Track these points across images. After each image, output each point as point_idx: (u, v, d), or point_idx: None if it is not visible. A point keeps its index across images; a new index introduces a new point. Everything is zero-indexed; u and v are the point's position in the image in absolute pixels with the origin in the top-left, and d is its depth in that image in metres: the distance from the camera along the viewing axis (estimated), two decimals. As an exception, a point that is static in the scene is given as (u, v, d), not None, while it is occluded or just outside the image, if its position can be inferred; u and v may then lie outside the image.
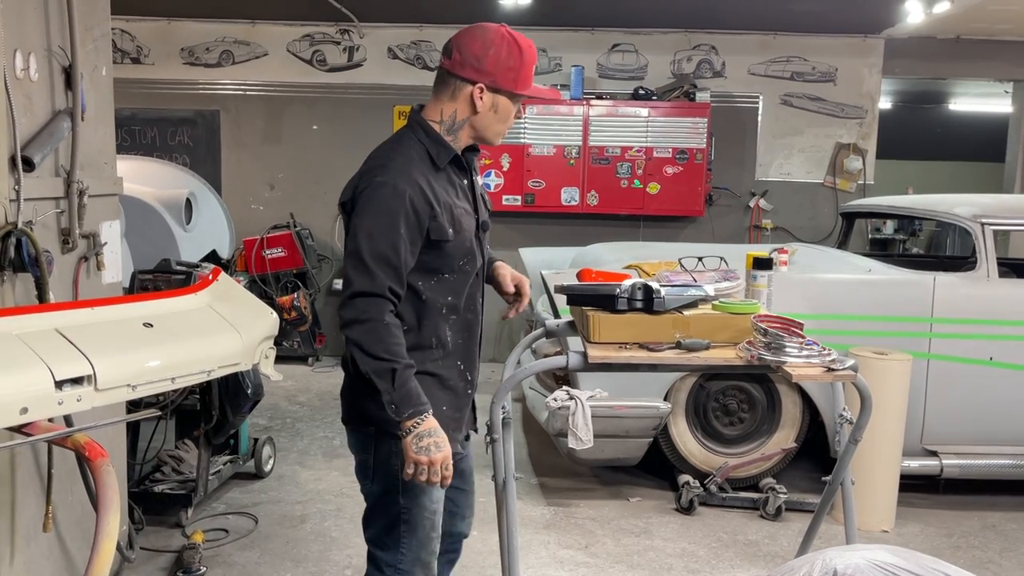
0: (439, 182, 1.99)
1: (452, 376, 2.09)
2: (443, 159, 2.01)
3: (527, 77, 2.04)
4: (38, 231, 2.59)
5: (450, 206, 1.99)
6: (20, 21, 2.53)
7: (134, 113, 7.12)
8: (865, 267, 4.44)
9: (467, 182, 2.09)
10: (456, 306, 2.06)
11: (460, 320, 2.08)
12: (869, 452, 3.82)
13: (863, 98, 7.18)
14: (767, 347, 2.28)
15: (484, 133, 2.07)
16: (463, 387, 2.13)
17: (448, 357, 2.07)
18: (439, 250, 1.97)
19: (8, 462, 2.49)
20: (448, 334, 2.06)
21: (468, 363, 2.13)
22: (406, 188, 1.91)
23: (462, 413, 2.16)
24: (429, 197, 1.94)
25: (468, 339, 2.12)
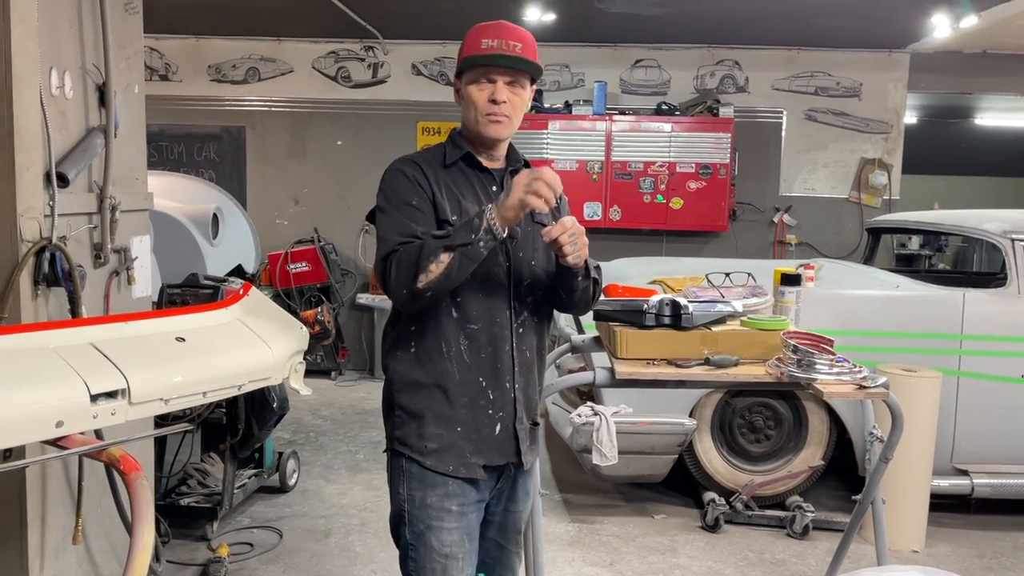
0: (447, 175, 1.97)
1: (469, 392, 1.92)
2: (451, 156, 1.98)
3: (471, 47, 1.95)
4: (71, 246, 2.62)
5: (457, 197, 1.95)
6: (55, 40, 2.58)
7: (162, 129, 7.22)
8: (893, 283, 4.40)
9: (496, 188, 2.00)
10: (468, 312, 1.91)
11: (482, 332, 1.92)
12: (898, 471, 3.77)
13: (888, 113, 7.13)
14: (797, 364, 2.27)
15: (468, 125, 1.99)
16: (483, 406, 1.93)
17: (463, 370, 1.91)
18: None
19: (39, 476, 2.51)
20: (463, 344, 1.91)
21: (493, 381, 1.94)
22: (403, 166, 1.95)
23: (484, 438, 1.94)
24: (428, 176, 1.93)
25: (492, 355, 1.93)
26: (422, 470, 1.92)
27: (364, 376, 7.05)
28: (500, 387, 1.95)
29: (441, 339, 1.91)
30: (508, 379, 1.96)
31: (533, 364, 2.03)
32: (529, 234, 1.99)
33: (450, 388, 1.92)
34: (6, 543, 2.47)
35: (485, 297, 1.93)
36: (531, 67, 1.94)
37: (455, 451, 1.92)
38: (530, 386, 2.02)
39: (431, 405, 1.92)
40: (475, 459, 1.94)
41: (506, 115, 1.94)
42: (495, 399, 1.94)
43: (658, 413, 3.97)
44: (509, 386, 1.96)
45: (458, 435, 1.92)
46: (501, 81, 1.92)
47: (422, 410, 1.93)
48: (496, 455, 1.97)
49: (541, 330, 2.06)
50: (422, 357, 1.93)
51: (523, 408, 1.99)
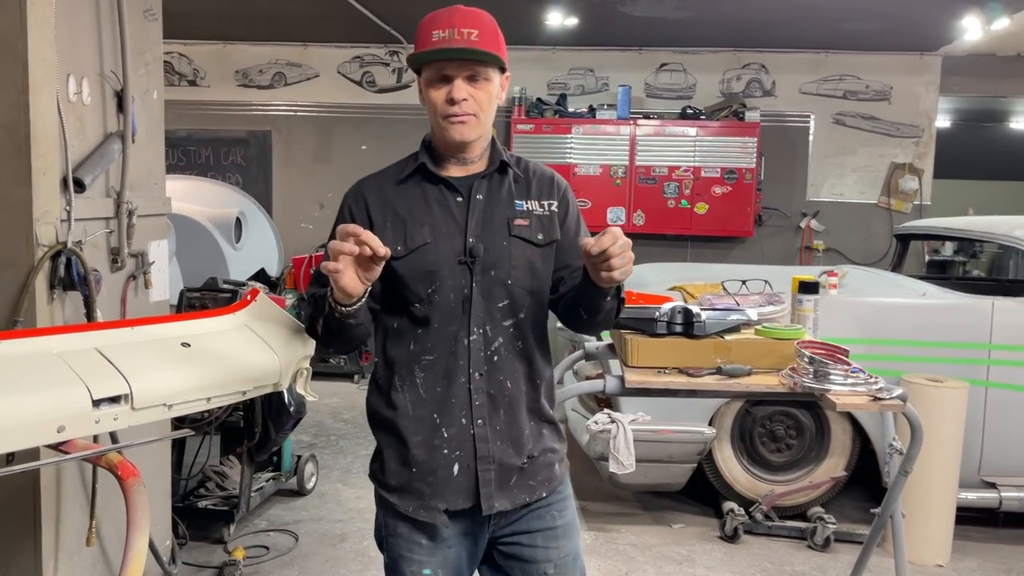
0: (399, 194, 1.76)
1: (422, 430, 1.74)
2: (405, 171, 1.79)
3: (422, 42, 1.71)
4: (88, 250, 2.66)
5: (404, 220, 1.73)
6: (74, 46, 2.61)
7: (190, 134, 7.31)
8: (919, 291, 4.31)
9: (461, 199, 1.75)
10: (425, 342, 1.73)
11: (439, 363, 1.73)
12: (923, 483, 3.69)
13: (919, 117, 7.02)
14: (811, 374, 2.22)
15: (433, 130, 1.78)
16: (438, 446, 1.73)
17: (417, 406, 1.74)
18: (385, 269, 1.65)
19: (54, 477, 2.54)
20: (419, 376, 1.74)
21: (447, 418, 1.73)
22: (348, 196, 1.82)
23: (442, 481, 1.73)
24: (370, 204, 1.76)
25: (447, 388, 1.73)
26: (391, 505, 1.80)
27: (387, 380, 7.05)
28: (455, 424, 1.73)
29: (395, 372, 1.77)
30: (464, 414, 1.73)
31: (518, 396, 1.78)
32: (504, 249, 1.74)
33: (403, 425, 1.75)
34: (20, 544, 2.50)
35: (442, 324, 1.73)
36: (488, 58, 1.68)
37: (414, 493, 1.75)
38: (515, 422, 1.77)
39: (390, 441, 1.79)
40: (434, 502, 1.74)
41: (470, 113, 1.70)
42: (450, 437, 1.73)
43: (677, 421, 3.92)
44: (466, 422, 1.73)
45: (414, 475, 1.75)
46: (459, 77, 1.68)
47: (382, 446, 1.81)
48: (457, 498, 1.74)
49: (530, 355, 1.80)
50: (383, 389, 1.80)
51: (494, 447, 1.74)
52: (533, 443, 1.80)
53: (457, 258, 1.72)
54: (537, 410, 1.82)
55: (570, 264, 1.82)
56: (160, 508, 3.26)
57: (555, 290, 1.84)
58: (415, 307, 1.74)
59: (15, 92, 2.37)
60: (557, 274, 1.82)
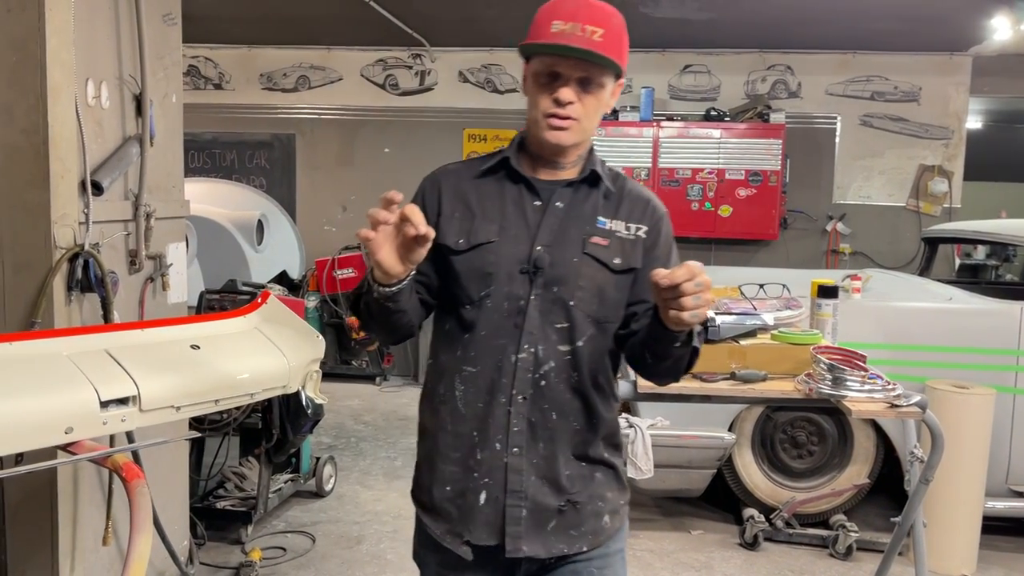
0: (477, 187, 1.64)
1: (460, 447, 1.59)
2: (488, 163, 1.65)
3: (537, 32, 1.55)
4: (106, 252, 2.68)
5: (474, 214, 1.60)
6: (92, 51, 2.64)
7: (215, 137, 7.39)
8: (946, 295, 4.23)
9: (539, 203, 1.61)
10: (470, 351, 1.59)
11: (481, 377, 1.57)
12: (948, 491, 3.62)
13: (949, 118, 6.89)
14: (827, 380, 2.18)
15: (529, 126, 1.62)
16: (471, 467, 1.58)
17: (457, 420, 1.60)
18: (445, 261, 1.59)
19: (71, 478, 2.57)
20: (459, 388, 1.59)
21: (482, 439, 1.57)
22: (427, 179, 1.68)
23: (469, 508, 1.58)
24: (444, 193, 1.63)
25: (488, 406, 1.57)
26: (423, 524, 1.67)
27: (408, 382, 7.08)
28: (488, 447, 1.57)
29: (441, 379, 1.63)
30: (500, 439, 1.56)
31: (563, 432, 1.58)
32: (573, 266, 1.57)
33: (442, 439, 1.62)
34: (38, 543, 2.53)
35: (490, 334, 1.58)
36: (607, 64, 1.52)
37: (443, 514, 1.62)
38: (554, 458, 1.58)
39: (429, 455, 1.65)
40: (459, 529, 1.60)
41: (573, 118, 1.54)
42: (482, 460, 1.57)
43: (696, 426, 3.87)
44: (500, 448, 1.56)
45: (446, 495, 1.61)
46: (571, 78, 1.53)
47: (422, 458, 1.69)
48: (481, 531, 1.58)
49: (585, 391, 1.59)
50: (430, 396, 1.67)
51: (528, 481, 1.56)
52: (579, 486, 1.60)
53: (520, 265, 1.57)
54: (588, 452, 1.61)
55: (646, 300, 1.58)
56: (178, 508, 3.28)
57: (626, 325, 1.62)
58: (464, 309, 1.59)
59: (34, 96, 2.41)
60: (631, 308, 1.62)
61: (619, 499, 1.67)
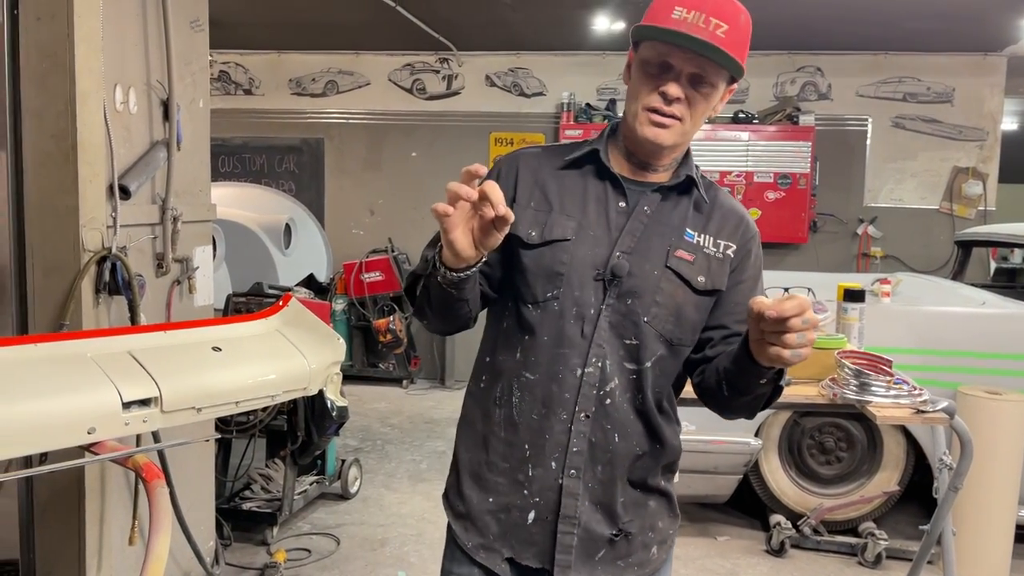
0: (560, 179, 1.50)
1: (511, 458, 1.48)
2: (573, 154, 1.52)
3: (655, 15, 1.40)
4: (134, 256, 2.72)
5: (549, 206, 1.48)
6: (121, 57, 2.68)
7: (245, 141, 7.47)
8: (979, 300, 4.15)
9: (624, 204, 1.48)
10: (529, 355, 1.46)
11: (539, 386, 1.45)
12: (981, 499, 3.55)
13: (984, 119, 6.77)
14: (852, 385, 2.15)
15: (626, 118, 1.47)
16: (521, 482, 1.47)
17: (510, 429, 1.48)
18: (511, 253, 1.46)
19: (98, 477, 2.60)
20: (516, 394, 1.47)
21: (536, 454, 1.45)
22: (500, 162, 1.55)
23: (513, 523, 1.49)
24: (524, 177, 1.50)
25: (544, 419, 1.45)
26: (452, 534, 1.56)
27: (435, 385, 7.10)
28: (543, 465, 1.45)
29: (498, 380, 1.50)
30: (556, 457, 1.45)
31: (625, 457, 1.46)
32: (654, 279, 1.44)
33: (494, 445, 1.50)
34: (66, 541, 2.57)
35: (552, 340, 1.45)
36: (727, 62, 1.37)
37: (480, 525, 1.51)
38: (611, 483, 1.47)
39: (473, 457, 1.53)
40: (498, 545, 1.49)
41: (677, 117, 1.41)
42: (534, 477, 1.46)
43: (722, 432, 3.83)
44: (555, 467, 1.45)
45: (488, 505, 1.50)
46: (683, 72, 1.39)
47: (461, 461, 1.56)
48: (526, 551, 1.48)
49: (649, 414, 1.47)
50: (483, 396, 1.53)
51: (582, 507, 1.45)
52: (632, 515, 1.50)
53: (595, 271, 1.44)
54: (647, 479, 1.51)
55: (726, 326, 1.49)
56: (204, 509, 3.31)
57: (699, 350, 1.51)
58: (527, 307, 1.46)
59: (63, 102, 2.45)
60: (707, 332, 1.50)
61: (670, 528, 1.57)
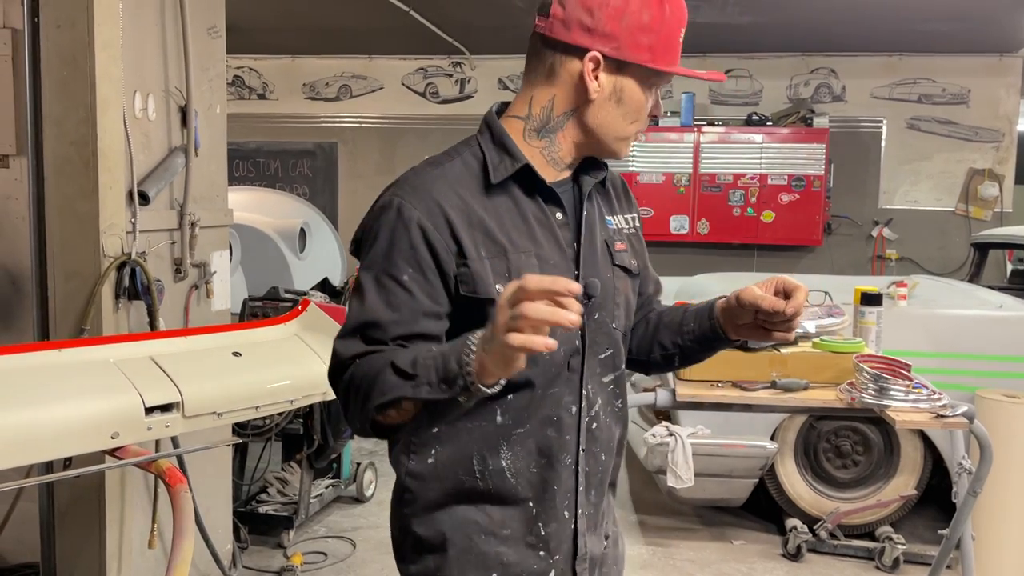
0: (490, 209, 1.24)
1: (511, 524, 1.28)
2: (499, 173, 1.25)
3: (669, 45, 1.24)
4: (152, 261, 2.74)
5: (504, 248, 1.23)
6: (140, 64, 2.71)
7: (260, 146, 7.51)
8: (996, 302, 4.13)
9: (562, 215, 1.29)
10: (519, 414, 1.26)
11: (531, 438, 1.27)
12: (999, 503, 3.52)
13: (1000, 120, 6.73)
14: (870, 389, 2.14)
15: (600, 134, 1.27)
16: (534, 546, 1.29)
17: (505, 494, 1.27)
18: (481, 319, 1.14)
19: (119, 481, 2.62)
20: (506, 457, 1.26)
21: (545, 510, 1.29)
22: (414, 211, 1.21)
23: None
24: (455, 228, 1.21)
25: (547, 469, 1.28)
26: None
27: (448, 388, 7.10)
28: (556, 519, 1.30)
29: (474, 451, 1.26)
30: (567, 505, 1.30)
31: (608, 470, 1.37)
32: (609, 283, 1.33)
33: (489, 513, 1.28)
34: (86, 544, 2.59)
35: (544, 387, 1.27)
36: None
37: None
38: (603, 500, 1.38)
39: (457, 539, 1.28)
40: None
41: None
42: (549, 535, 1.30)
43: (738, 435, 3.82)
44: (568, 515, 1.31)
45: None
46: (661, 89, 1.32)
47: (443, 543, 1.28)
48: None
49: (624, 415, 1.40)
50: (445, 472, 1.27)
51: (589, 537, 1.34)
52: (609, 520, 1.42)
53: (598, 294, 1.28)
54: (616, 479, 1.43)
55: (643, 292, 1.46)
56: (222, 512, 3.33)
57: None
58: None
59: (83, 109, 2.48)
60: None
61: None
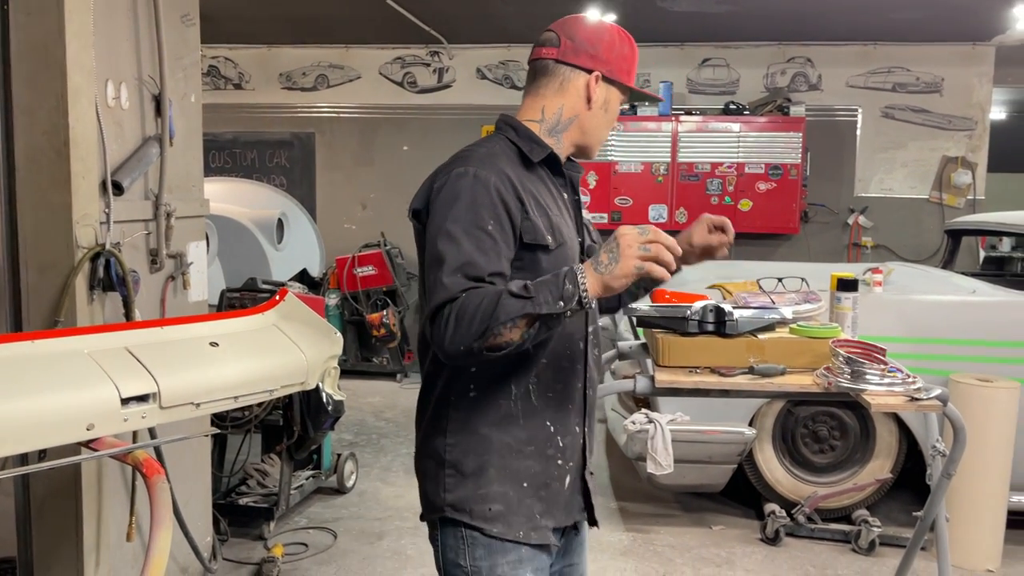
0: (531, 181, 1.62)
1: (535, 441, 1.60)
2: (536, 154, 1.64)
3: (635, 71, 1.74)
4: (127, 252, 2.72)
5: (546, 209, 1.61)
6: (112, 52, 2.67)
7: (236, 136, 7.44)
8: (969, 288, 4.18)
9: (567, 196, 1.72)
10: (547, 349, 1.60)
11: (551, 366, 1.61)
12: (972, 486, 3.58)
13: (972, 109, 6.80)
14: (846, 374, 2.16)
15: (591, 136, 1.71)
16: (553, 456, 1.61)
17: (530, 416, 1.59)
18: (534, 262, 1.56)
19: (95, 474, 2.60)
20: (533, 384, 1.59)
21: (561, 425, 1.62)
22: (490, 176, 1.53)
23: (553, 495, 1.63)
24: (518, 189, 1.56)
25: (563, 393, 1.63)
26: (487, 537, 1.58)
27: (429, 379, 7.09)
28: (569, 432, 1.64)
29: (510, 376, 1.57)
30: (578, 421, 1.66)
31: (595, 400, 1.74)
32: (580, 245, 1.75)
33: (516, 435, 1.58)
34: (63, 539, 2.57)
35: (567, 328, 1.61)
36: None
37: (523, 512, 1.59)
38: (594, 426, 1.73)
39: (493, 459, 1.58)
40: (545, 521, 1.61)
41: None
42: (565, 447, 1.63)
43: (716, 421, 3.86)
44: (579, 430, 1.66)
45: (524, 492, 1.59)
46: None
47: (482, 465, 1.58)
48: (564, 515, 1.66)
49: (600, 340, 1.77)
50: (484, 402, 1.58)
51: (590, 455, 1.71)
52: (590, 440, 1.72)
53: (579, 256, 1.69)
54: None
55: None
56: (201, 505, 3.32)
57: None
58: None
59: (55, 98, 2.44)
60: None
61: None
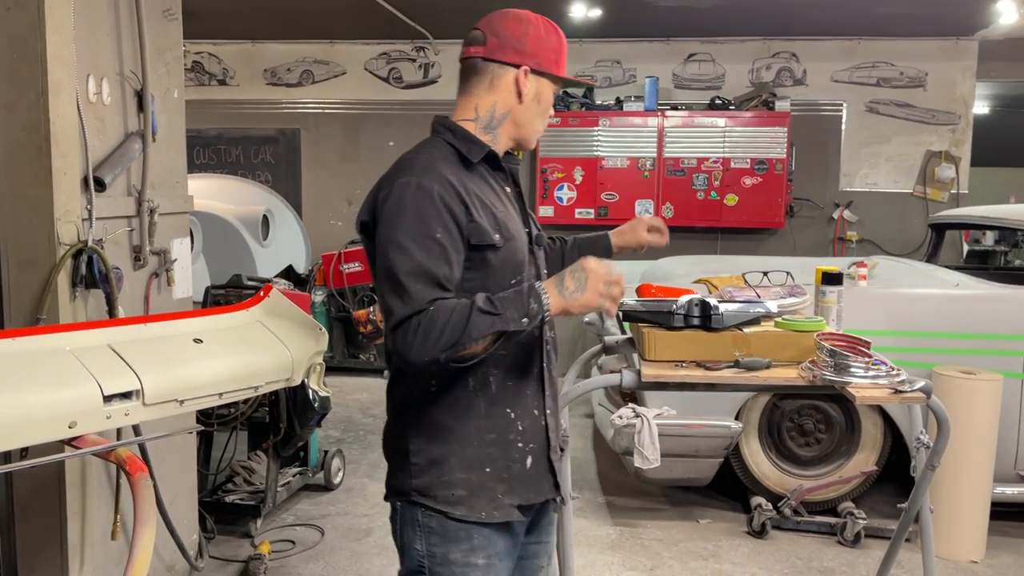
0: (473, 182, 1.67)
1: (496, 428, 1.68)
2: (475, 154, 1.68)
3: (564, 61, 1.77)
4: (110, 248, 2.69)
5: (491, 208, 1.66)
6: (93, 47, 2.65)
7: (220, 133, 7.40)
8: (952, 281, 4.21)
9: (510, 190, 1.78)
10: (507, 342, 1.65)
11: (509, 355, 1.68)
12: (956, 477, 3.61)
13: (956, 103, 6.85)
14: (830, 367, 2.17)
15: (525, 129, 1.75)
16: (513, 440, 1.70)
17: (490, 405, 1.67)
18: (483, 261, 1.63)
19: (79, 472, 2.58)
20: (491, 375, 1.67)
21: (521, 411, 1.71)
22: (432, 184, 1.58)
23: (516, 475, 1.70)
24: (461, 194, 1.60)
25: (520, 379, 1.71)
26: (443, 523, 1.66)
27: (416, 375, 7.08)
28: (528, 415, 1.72)
29: (467, 371, 1.64)
30: (536, 404, 1.74)
31: (556, 383, 1.82)
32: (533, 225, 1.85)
33: (477, 425, 1.67)
34: (47, 537, 2.55)
35: None
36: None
37: (486, 494, 1.67)
38: (558, 409, 1.82)
39: (455, 448, 1.66)
40: (508, 499, 1.69)
41: None
42: (524, 429, 1.71)
43: (703, 415, 3.87)
44: (538, 413, 1.74)
45: (487, 476, 1.67)
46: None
47: (445, 455, 1.66)
48: (531, 492, 1.73)
49: (555, 338, 1.84)
50: (444, 395, 1.66)
51: (555, 435, 1.78)
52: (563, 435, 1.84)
53: (527, 246, 1.75)
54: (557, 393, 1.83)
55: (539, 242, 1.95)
56: (187, 502, 3.30)
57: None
58: None
59: (35, 93, 2.41)
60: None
61: None
